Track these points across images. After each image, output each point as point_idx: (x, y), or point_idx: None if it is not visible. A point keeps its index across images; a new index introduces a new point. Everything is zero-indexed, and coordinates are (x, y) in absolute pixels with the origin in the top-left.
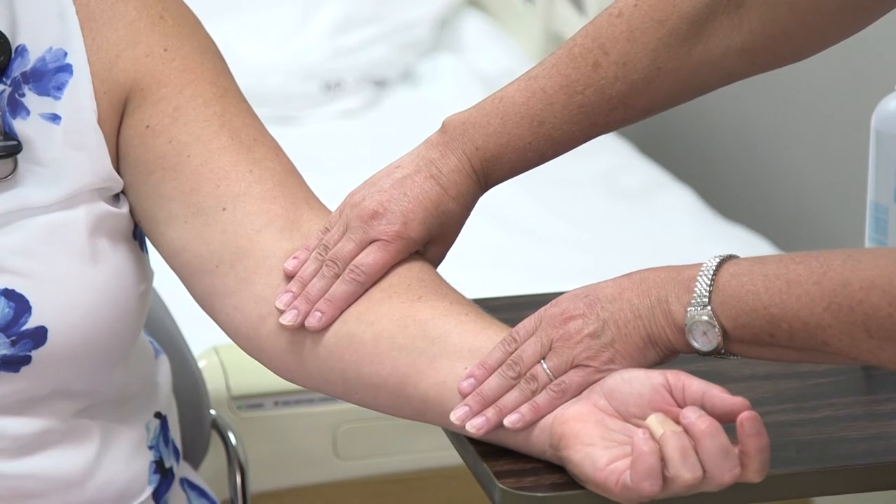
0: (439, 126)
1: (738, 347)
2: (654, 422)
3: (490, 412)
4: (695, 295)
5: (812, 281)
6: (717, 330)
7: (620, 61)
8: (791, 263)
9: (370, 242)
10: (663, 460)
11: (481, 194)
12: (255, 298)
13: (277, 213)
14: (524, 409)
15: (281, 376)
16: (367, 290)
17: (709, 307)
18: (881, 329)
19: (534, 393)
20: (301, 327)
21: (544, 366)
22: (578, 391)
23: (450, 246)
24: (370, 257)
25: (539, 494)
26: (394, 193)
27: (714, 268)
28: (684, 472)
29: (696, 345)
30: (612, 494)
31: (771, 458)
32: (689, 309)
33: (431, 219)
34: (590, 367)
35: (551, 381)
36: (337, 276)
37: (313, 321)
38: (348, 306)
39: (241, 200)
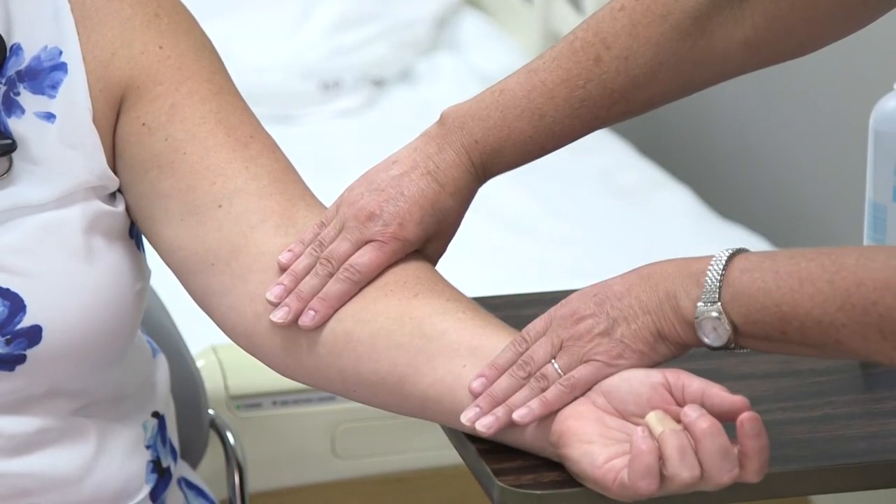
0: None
1: (749, 342)
2: (654, 419)
3: (500, 411)
4: (704, 290)
5: (825, 280)
6: (726, 325)
7: (622, 56)
8: (803, 260)
9: (365, 243)
10: (661, 458)
11: (479, 187)
12: (251, 297)
13: (273, 210)
14: (534, 403)
15: (280, 373)
16: (361, 289)
17: (718, 303)
18: (895, 331)
19: (543, 391)
20: (293, 325)
21: (555, 365)
22: (588, 386)
23: (449, 241)
24: (365, 257)
25: (538, 492)
26: (390, 193)
27: (724, 262)
28: (682, 471)
29: (706, 340)
30: (610, 492)
31: (770, 456)
32: (698, 304)
33: (428, 218)
34: (599, 361)
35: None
36: (331, 275)
37: (307, 320)
38: (342, 305)
39: (237, 197)
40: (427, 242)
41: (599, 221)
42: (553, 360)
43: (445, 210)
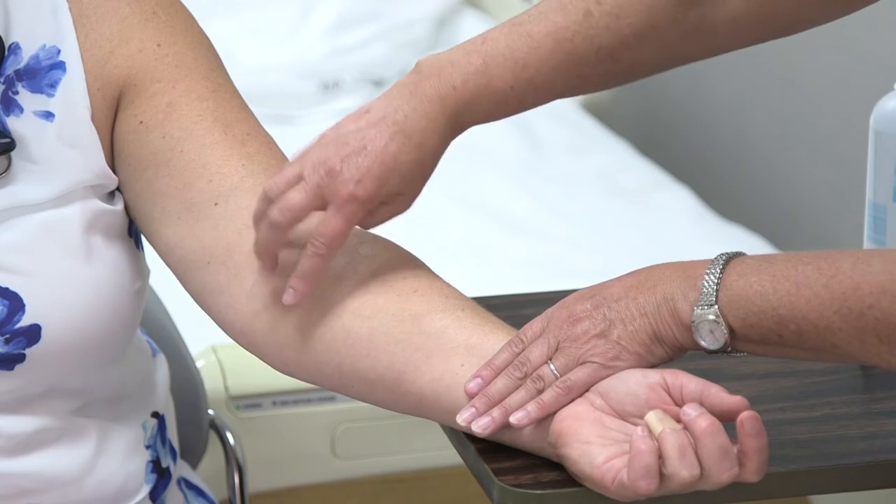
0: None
1: (746, 346)
2: (654, 419)
3: (496, 412)
4: (702, 294)
5: (821, 283)
6: (724, 329)
7: (614, 13)
8: (799, 264)
9: (320, 198)
10: (661, 458)
11: (450, 140)
12: (247, 295)
13: None
14: (530, 406)
15: (277, 370)
16: (361, 284)
17: (715, 306)
18: (892, 335)
19: (539, 392)
20: (290, 323)
21: (551, 366)
22: (585, 388)
23: (415, 195)
24: (327, 227)
25: (537, 492)
26: (354, 146)
27: (721, 266)
28: (682, 471)
29: (703, 343)
30: (609, 492)
31: (769, 456)
32: (695, 308)
33: (390, 173)
34: (595, 363)
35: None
36: (277, 226)
37: (288, 298)
38: (321, 277)
39: (233, 195)
40: (390, 197)
41: (599, 221)
42: (549, 362)
43: (410, 163)
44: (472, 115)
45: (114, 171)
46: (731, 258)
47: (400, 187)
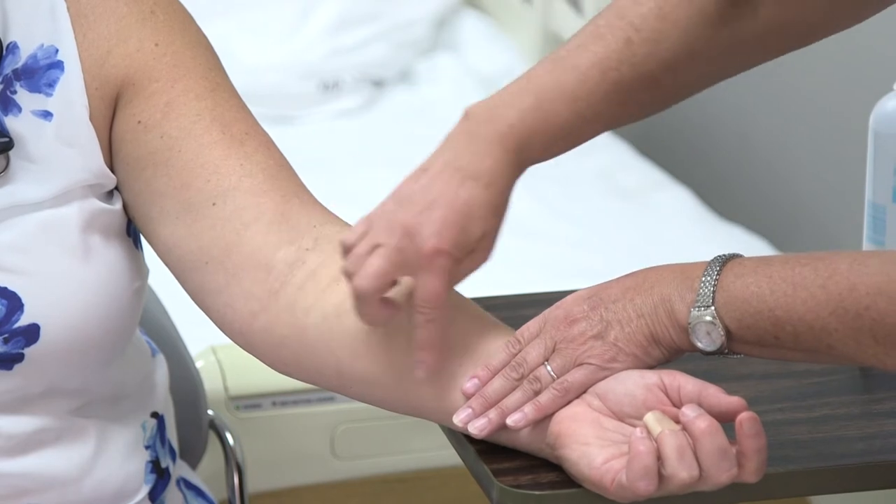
0: (463, 116)
1: (742, 347)
2: (652, 419)
3: (492, 413)
4: (699, 295)
5: (818, 284)
6: (720, 330)
7: (653, 38)
8: (797, 265)
9: (403, 263)
10: (660, 458)
11: (516, 178)
12: (246, 295)
13: (267, 207)
14: (527, 408)
15: (276, 370)
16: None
17: (712, 307)
18: (888, 336)
19: (536, 393)
20: (289, 324)
21: (548, 367)
22: (582, 389)
23: (495, 237)
24: (425, 291)
25: (536, 493)
26: (422, 202)
27: (718, 267)
28: (681, 472)
29: (699, 344)
30: (608, 493)
31: (768, 457)
32: (692, 309)
33: (467, 220)
34: (592, 364)
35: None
36: (365, 295)
37: (420, 372)
38: (437, 343)
39: (231, 195)
40: (474, 243)
41: (599, 222)
42: (546, 363)
43: (484, 205)
44: (530, 151)
45: (112, 170)
46: (727, 260)
47: (481, 230)
